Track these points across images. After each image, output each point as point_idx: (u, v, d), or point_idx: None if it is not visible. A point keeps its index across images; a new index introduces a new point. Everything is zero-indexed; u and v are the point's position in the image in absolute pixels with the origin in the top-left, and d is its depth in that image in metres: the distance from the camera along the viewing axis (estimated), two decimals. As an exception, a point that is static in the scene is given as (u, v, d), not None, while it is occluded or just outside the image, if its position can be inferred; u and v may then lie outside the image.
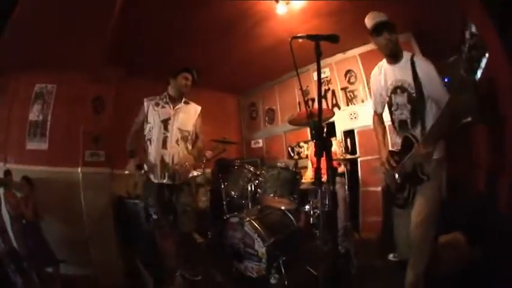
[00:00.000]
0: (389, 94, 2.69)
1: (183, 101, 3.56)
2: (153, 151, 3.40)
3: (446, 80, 4.34)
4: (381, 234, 4.25)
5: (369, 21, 2.62)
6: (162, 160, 3.36)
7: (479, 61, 2.00)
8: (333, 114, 3.91)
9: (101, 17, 3.82)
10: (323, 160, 1.83)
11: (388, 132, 2.98)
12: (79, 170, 4.39)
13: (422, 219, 2.44)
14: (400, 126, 2.66)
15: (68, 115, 4.46)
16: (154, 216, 3.39)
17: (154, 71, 4.10)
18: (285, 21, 4.67)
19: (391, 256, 3.78)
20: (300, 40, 1.90)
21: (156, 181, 3.38)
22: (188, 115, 3.54)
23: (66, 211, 4.20)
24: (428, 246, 2.49)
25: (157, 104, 3.49)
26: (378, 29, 2.54)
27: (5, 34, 3.10)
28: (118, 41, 4.21)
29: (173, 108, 3.48)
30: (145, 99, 3.53)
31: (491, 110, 3.60)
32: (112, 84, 4.91)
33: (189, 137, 3.51)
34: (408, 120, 2.59)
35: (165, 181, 3.36)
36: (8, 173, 4.08)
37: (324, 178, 2.81)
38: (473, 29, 2.15)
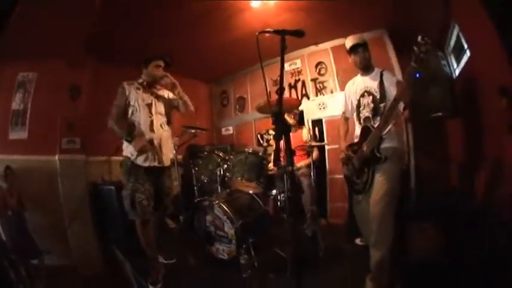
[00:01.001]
0: (358, 98, 3.07)
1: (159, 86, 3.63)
2: (141, 134, 3.34)
3: (417, 75, 4.57)
4: (348, 220, 4.44)
5: (348, 42, 3.09)
6: (151, 143, 3.35)
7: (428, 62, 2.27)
8: (300, 103, 4.08)
9: (81, 5, 3.82)
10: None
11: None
12: (56, 157, 4.36)
13: (381, 197, 2.69)
14: (364, 121, 2.97)
15: (47, 103, 4.40)
16: (144, 203, 3.26)
17: (129, 59, 4.10)
18: (259, 13, 4.78)
19: (358, 240, 3.98)
20: (267, 34, 2.00)
21: (145, 164, 3.33)
22: (163, 100, 3.60)
23: (46, 200, 4.16)
24: (389, 224, 2.69)
25: (138, 88, 3.46)
26: (354, 49, 3.03)
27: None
28: (96, 28, 4.19)
29: (151, 93, 3.52)
30: (124, 83, 3.45)
31: (468, 106, 3.81)
32: (88, 72, 4.88)
33: (167, 121, 3.61)
34: (370, 116, 2.92)
35: (155, 164, 3.36)
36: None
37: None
38: (421, 38, 2.36)
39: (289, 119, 4.90)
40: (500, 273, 2.51)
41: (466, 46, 3.94)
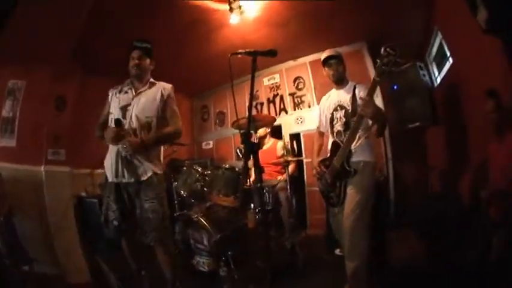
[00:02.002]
0: (331, 111, 3.12)
1: (148, 82, 3.06)
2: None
3: (395, 87, 4.69)
4: (326, 232, 4.49)
5: (322, 55, 3.17)
6: (118, 155, 2.80)
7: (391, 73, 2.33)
8: (274, 120, 4.16)
9: (70, 15, 3.84)
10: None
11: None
12: (42, 168, 4.32)
13: (353, 209, 2.76)
14: (336, 135, 3.05)
15: (33, 113, 4.36)
16: (115, 223, 2.86)
17: (114, 71, 4.12)
18: (238, 29, 4.88)
19: (337, 251, 4.03)
20: (239, 56, 2.03)
21: (111, 180, 2.87)
22: (151, 99, 2.97)
23: (33, 209, 4.11)
24: (362, 236, 2.74)
25: (120, 91, 3.01)
26: (327, 62, 3.12)
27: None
28: (82, 40, 4.22)
29: (135, 92, 2.97)
30: (110, 89, 3.08)
31: (452, 112, 3.90)
32: (74, 83, 4.89)
33: (152, 124, 2.90)
34: (342, 130, 2.99)
35: (123, 179, 2.82)
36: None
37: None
38: (383, 51, 2.40)
39: (261, 131, 5.03)
40: (489, 277, 2.58)
41: (448, 53, 4.04)
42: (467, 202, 3.53)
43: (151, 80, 3.09)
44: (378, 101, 2.90)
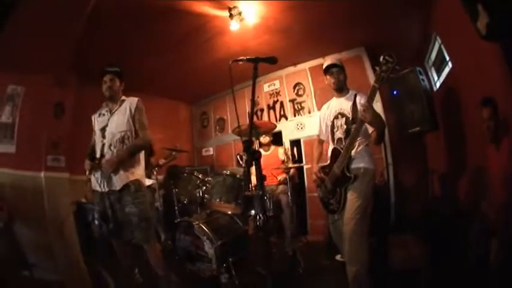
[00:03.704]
0: (332, 119, 3.18)
1: (119, 101, 3.36)
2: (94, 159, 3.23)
3: (395, 92, 4.71)
4: (327, 237, 4.43)
5: (324, 63, 3.23)
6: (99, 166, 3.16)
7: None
8: (275, 126, 4.17)
9: (69, 22, 3.87)
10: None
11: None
12: (42, 174, 4.30)
13: (353, 214, 2.78)
14: (337, 142, 3.09)
15: (33, 119, 4.36)
16: (96, 222, 3.23)
17: None
18: (238, 36, 4.90)
19: (338, 257, 4.02)
20: (240, 63, 2.06)
21: (96, 189, 3.22)
22: (122, 115, 3.28)
23: (33, 215, 4.09)
24: (362, 241, 2.77)
25: (99, 115, 3.39)
26: (328, 70, 3.17)
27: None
28: (82, 47, 4.25)
29: (110, 112, 3.32)
30: (92, 116, 3.45)
31: (451, 117, 3.91)
32: (72, 90, 4.87)
33: (126, 137, 3.22)
34: (342, 138, 3.03)
35: (103, 189, 3.14)
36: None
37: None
38: (382, 58, 2.46)
39: (263, 138, 5.04)
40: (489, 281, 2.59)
41: (448, 58, 4.06)
42: (465, 207, 3.54)
43: (123, 97, 3.41)
44: (378, 106, 2.93)
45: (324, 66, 3.24)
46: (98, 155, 3.21)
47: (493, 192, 2.89)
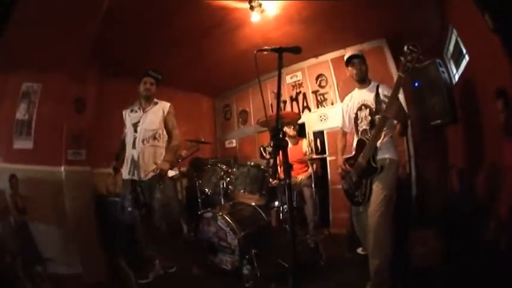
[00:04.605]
0: (355, 111, 3.16)
1: (153, 102, 3.85)
2: (125, 152, 3.78)
3: (416, 84, 4.62)
4: (349, 230, 4.41)
5: (346, 54, 3.25)
6: (132, 158, 3.69)
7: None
8: (299, 116, 4.14)
9: (87, 18, 3.92)
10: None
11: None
12: (62, 168, 4.38)
13: (378, 206, 2.78)
14: (362, 133, 3.07)
15: (52, 114, 4.41)
16: (129, 209, 3.69)
17: (133, 73, 4.18)
18: (259, 27, 4.87)
19: (359, 250, 4.01)
20: (265, 52, 2.05)
21: (126, 177, 3.72)
22: (155, 115, 3.80)
23: (51, 210, 4.17)
24: (386, 233, 2.76)
25: (132, 111, 3.87)
26: (349, 61, 3.18)
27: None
28: (101, 41, 4.28)
29: (143, 111, 3.81)
30: (123, 111, 3.91)
31: (469, 111, 3.83)
32: (93, 85, 4.93)
33: (157, 135, 3.78)
34: (368, 129, 3.00)
35: (134, 177, 3.67)
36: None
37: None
38: (407, 48, 2.41)
39: (289, 130, 5.00)
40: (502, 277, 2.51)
41: (464, 51, 3.96)
42: (483, 203, 3.46)
43: (155, 100, 3.89)
44: (401, 98, 2.89)
45: (345, 58, 3.24)
46: (128, 147, 3.75)
47: (506, 185, 2.84)
